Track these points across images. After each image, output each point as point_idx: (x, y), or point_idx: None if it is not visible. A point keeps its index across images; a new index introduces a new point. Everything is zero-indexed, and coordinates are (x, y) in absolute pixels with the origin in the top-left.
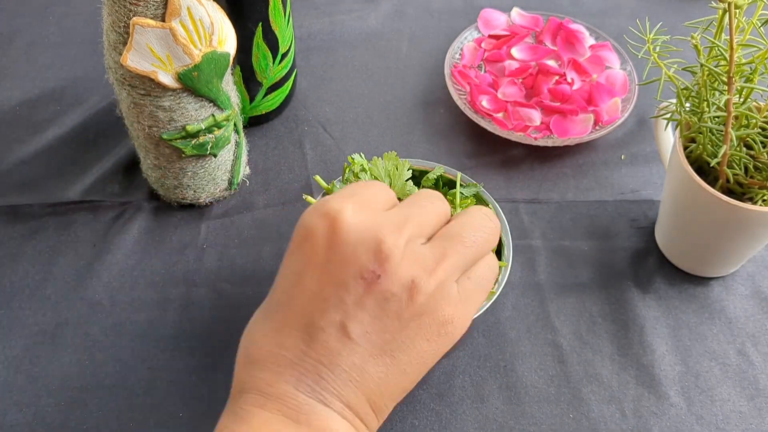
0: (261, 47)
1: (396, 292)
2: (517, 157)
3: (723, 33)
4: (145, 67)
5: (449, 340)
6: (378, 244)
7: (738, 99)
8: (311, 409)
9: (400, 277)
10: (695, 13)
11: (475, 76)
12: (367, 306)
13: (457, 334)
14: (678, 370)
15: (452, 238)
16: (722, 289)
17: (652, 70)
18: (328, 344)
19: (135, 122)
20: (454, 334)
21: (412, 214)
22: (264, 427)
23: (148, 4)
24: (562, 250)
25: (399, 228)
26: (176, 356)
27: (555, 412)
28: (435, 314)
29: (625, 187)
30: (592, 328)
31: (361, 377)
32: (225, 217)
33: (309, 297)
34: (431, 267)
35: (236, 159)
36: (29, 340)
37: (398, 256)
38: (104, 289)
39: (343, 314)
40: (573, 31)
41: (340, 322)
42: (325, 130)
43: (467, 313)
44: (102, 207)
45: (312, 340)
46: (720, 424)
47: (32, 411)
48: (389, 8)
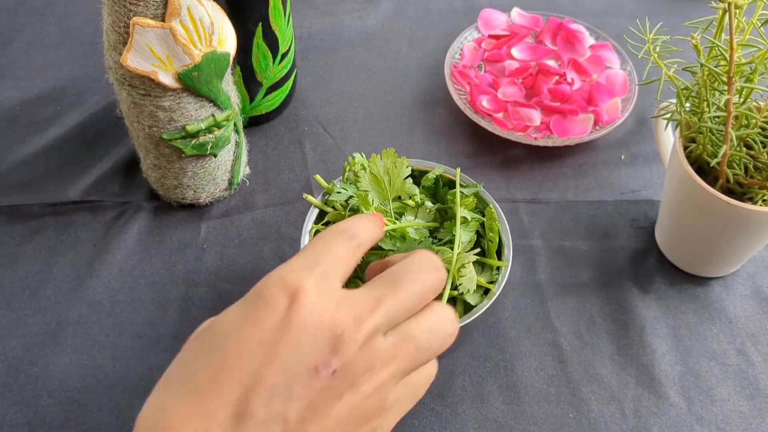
0: (261, 47)
1: (345, 392)
2: (517, 157)
3: (723, 33)
4: (145, 67)
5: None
6: (336, 336)
7: (738, 99)
8: None
9: (354, 376)
10: (695, 13)
11: (475, 76)
12: (313, 403)
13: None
14: (678, 370)
15: (408, 340)
16: (722, 289)
17: (652, 70)
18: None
19: (135, 122)
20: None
21: (385, 298)
22: None
23: (148, 4)
24: (561, 250)
25: (362, 318)
26: (176, 356)
27: (555, 412)
28: (370, 421)
29: (625, 187)
30: (592, 328)
31: None
32: (225, 217)
33: (252, 381)
34: (380, 371)
35: (236, 159)
36: (29, 340)
37: (353, 351)
38: (104, 289)
39: (288, 408)
40: (573, 31)
41: (283, 416)
42: (325, 130)
43: (391, 422)
44: (102, 207)
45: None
46: (720, 424)
47: (32, 411)
48: (389, 8)
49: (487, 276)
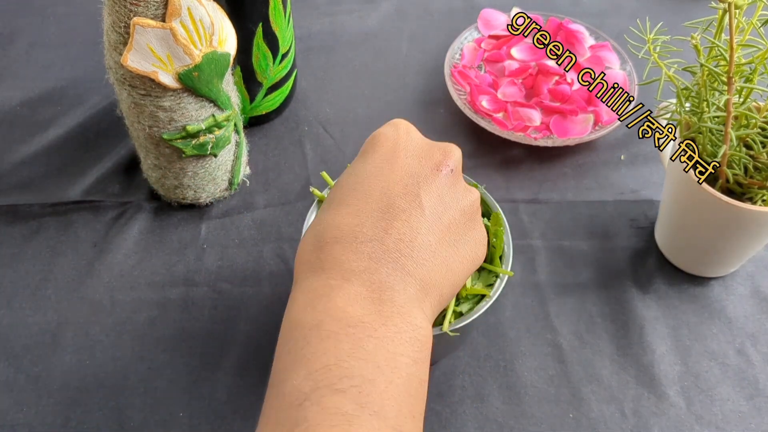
0: (261, 47)
1: (463, 189)
2: (517, 157)
3: (723, 33)
4: (145, 67)
5: (479, 260)
6: (446, 150)
7: (738, 99)
8: (392, 287)
9: (463, 182)
10: (695, 13)
11: (475, 76)
12: (442, 193)
13: (481, 259)
14: (678, 369)
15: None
16: (722, 289)
17: (652, 70)
18: (409, 222)
19: (135, 122)
20: (481, 257)
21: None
22: (350, 301)
23: (149, 5)
24: (561, 250)
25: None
26: (176, 356)
27: (555, 412)
28: (478, 228)
29: (625, 187)
30: (591, 328)
31: (433, 258)
32: (225, 217)
33: (388, 184)
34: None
35: (236, 159)
36: (29, 340)
37: (456, 161)
38: (104, 289)
39: (422, 197)
40: (573, 31)
41: (419, 203)
42: (325, 130)
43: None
44: (102, 207)
45: (393, 219)
46: (720, 423)
47: (32, 411)
48: (389, 8)
49: (485, 279)
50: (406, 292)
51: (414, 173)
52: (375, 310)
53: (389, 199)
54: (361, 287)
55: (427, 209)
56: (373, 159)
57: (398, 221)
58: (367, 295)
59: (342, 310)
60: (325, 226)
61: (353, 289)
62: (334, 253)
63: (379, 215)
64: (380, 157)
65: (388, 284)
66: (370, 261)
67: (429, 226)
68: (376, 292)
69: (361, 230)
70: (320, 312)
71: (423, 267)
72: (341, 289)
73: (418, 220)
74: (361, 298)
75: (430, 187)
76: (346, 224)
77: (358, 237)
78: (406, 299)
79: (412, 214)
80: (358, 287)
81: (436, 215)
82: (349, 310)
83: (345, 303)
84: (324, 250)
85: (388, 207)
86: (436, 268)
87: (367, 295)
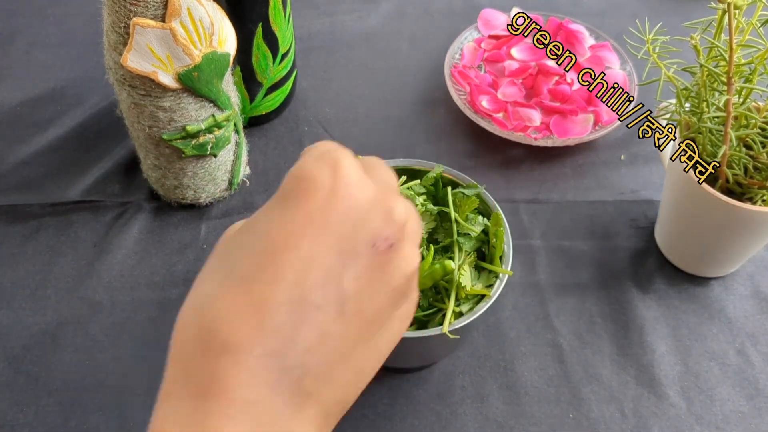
0: (261, 47)
1: (402, 259)
2: (517, 158)
3: (722, 33)
4: (145, 67)
5: (400, 335)
6: (389, 214)
7: (737, 99)
8: (286, 426)
9: (408, 251)
10: (695, 13)
11: (475, 77)
12: (373, 277)
13: (403, 332)
14: (678, 370)
15: (415, 215)
16: (722, 289)
17: (651, 71)
18: (323, 326)
19: (135, 122)
20: (404, 330)
21: (391, 179)
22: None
23: (148, 5)
24: (561, 250)
25: (396, 191)
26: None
27: (555, 412)
28: (410, 299)
29: (625, 187)
30: (592, 328)
31: (344, 367)
32: (225, 217)
33: (306, 265)
34: (414, 242)
35: (236, 159)
36: (29, 340)
37: (402, 224)
38: (104, 289)
39: (345, 285)
40: (573, 31)
41: (340, 296)
42: (325, 130)
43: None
44: (102, 207)
45: (303, 322)
46: (720, 424)
47: (32, 411)
48: (389, 8)
49: (485, 279)
50: (302, 427)
51: (343, 250)
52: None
53: (303, 290)
54: (246, 427)
55: (349, 303)
56: (293, 216)
57: (308, 325)
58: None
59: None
60: (217, 312)
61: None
62: (220, 370)
63: (287, 311)
64: (304, 215)
65: (280, 423)
66: (265, 388)
67: (346, 328)
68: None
69: (261, 334)
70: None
71: (330, 384)
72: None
73: (334, 321)
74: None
75: (358, 272)
76: (244, 321)
77: (255, 347)
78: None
79: (328, 313)
80: (243, 427)
81: (357, 309)
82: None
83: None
84: (209, 359)
85: (300, 301)
86: (345, 378)
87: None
